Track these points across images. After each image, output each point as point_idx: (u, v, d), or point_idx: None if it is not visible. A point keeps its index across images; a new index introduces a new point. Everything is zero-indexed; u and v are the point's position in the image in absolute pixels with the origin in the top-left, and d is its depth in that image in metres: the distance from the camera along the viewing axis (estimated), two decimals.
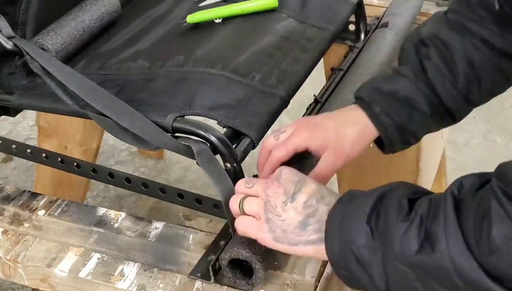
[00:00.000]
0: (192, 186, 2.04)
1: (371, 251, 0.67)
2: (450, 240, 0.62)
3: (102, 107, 0.84)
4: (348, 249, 0.68)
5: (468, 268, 0.61)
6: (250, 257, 0.76)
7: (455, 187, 0.66)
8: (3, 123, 2.31)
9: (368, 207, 0.69)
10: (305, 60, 1.03)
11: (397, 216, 0.66)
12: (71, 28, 1.02)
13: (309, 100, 1.05)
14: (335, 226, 0.70)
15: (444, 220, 0.63)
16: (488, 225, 0.60)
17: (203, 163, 0.80)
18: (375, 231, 0.67)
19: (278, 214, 0.73)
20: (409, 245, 0.64)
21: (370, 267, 0.68)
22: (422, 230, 0.64)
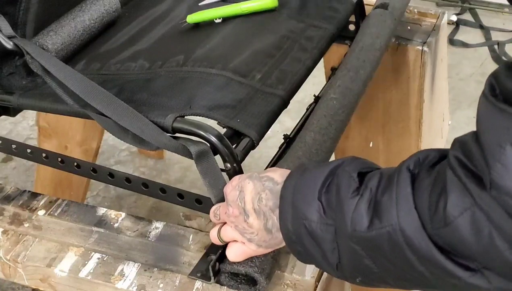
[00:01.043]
0: (192, 186, 2.04)
1: (323, 226, 0.67)
2: (401, 212, 0.61)
3: (102, 107, 0.84)
4: (301, 224, 0.68)
5: (419, 241, 0.60)
6: (251, 272, 0.77)
7: (411, 161, 0.64)
8: (3, 123, 2.31)
9: (320, 181, 0.68)
10: (305, 60, 1.03)
11: (347, 191, 0.66)
12: (71, 28, 1.02)
13: (309, 100, 1.05)
14: (287, 201, 0.70)
15: (396, 192, 0.62)
16: (444, 197, 0.59)
17: (201, 165, 0.81)
18: (327, 206, 0.67)
19: (250, 232, 0.74)
20: (360, 222, 0.64)
21: (322, 242, 0.67)
22: (371, 204, 0.64)
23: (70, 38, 1.02)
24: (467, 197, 0.57)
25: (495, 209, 0.56)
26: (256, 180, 0.74)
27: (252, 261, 0.77)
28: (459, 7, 2.99)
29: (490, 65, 2.65)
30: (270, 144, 0.84)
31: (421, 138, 1.36)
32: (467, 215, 0.57)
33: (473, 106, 2.40)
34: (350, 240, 0.65)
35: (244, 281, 0.78)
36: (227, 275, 0.79)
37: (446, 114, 1.61)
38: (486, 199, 0.56)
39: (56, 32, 1.01)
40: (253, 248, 0.76)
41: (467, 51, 2.73)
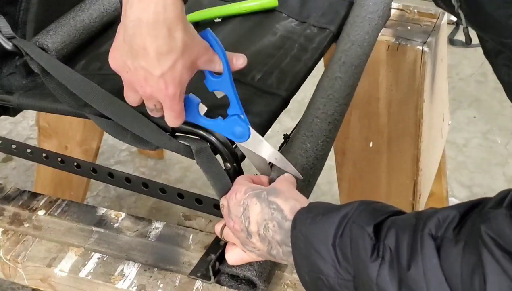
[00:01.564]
0: (192, 186, 2.04)
1: (342, 282, 0.66)
2: (431, 287, 0.60)
3: (102, 107, 0.84)
4: (317, 278, 0.67)
5: None
6: (249, 275, 0.77)
7: (431, 224, 0.62)
8: (3, 123, 2.31)
9: (332, 232, 0.66)
10: (305, 60, 1.03)
11: (365, 251, 0.63)
12: (71, 28, 1.02)
13: (309, 100, 1.05)
14: (301, 253, 0.68)
15: (424, 266, 0.61)
16: (481, 278, 0.57)
17: (202, 162, 0.81)
18: (342, 261, 0.65)
19: (253, 246, 0.74)
20: (387, 290, 0.62)
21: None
22: (395, 270, 0.62)
23: (70, 37, 1.02)
24: (506, 279, 0.57)
25: None
26: (264, 203, 0.72)
27: (251, 264, 0.77)
28: None
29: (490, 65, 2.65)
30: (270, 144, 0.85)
31: (421, 138, 1.36)
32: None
33: (473, 106, 2.41)
34: None
35: (244, 282, 0.78)
36: (227, 276, 0.79)
37: (446, 114, 1.61)
38: None
39: (56, 32, 1.01)
40: (252, 257, 0.76)
41: (467, 51, 2.73)
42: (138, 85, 0.74)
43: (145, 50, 0.69)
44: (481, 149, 2.22)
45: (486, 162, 2.15)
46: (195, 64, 0.74)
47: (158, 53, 0.70)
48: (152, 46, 0.69)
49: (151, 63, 0.70)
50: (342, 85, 0.94)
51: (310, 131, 0.88)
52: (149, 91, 0.73)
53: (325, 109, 0.90)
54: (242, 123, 0.79)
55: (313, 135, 0.87)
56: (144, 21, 0.68)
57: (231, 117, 0.79)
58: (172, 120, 0.77)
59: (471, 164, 2.14)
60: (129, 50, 0.71)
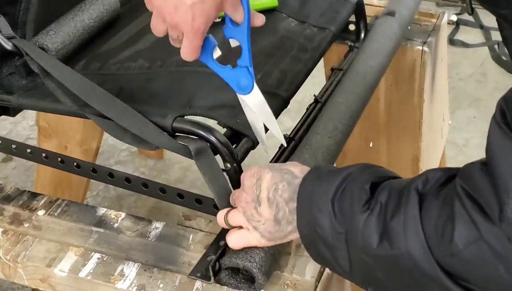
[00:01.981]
0: (192, 186, 2.04)
1: (335, 235, 0.68)
2: (409, 237, 0.63)
3: (102, 107, 0.84)
4: (314, 230, 0.70)
5: (427, 266, 0.62)
6: (249, 266, 0.77)
7: (419, 181, 0.65)
8: (3, 123, 2.31)
9: (333, 188, 0.69)
10: (305, 60, 1.03)
11: (359, 203, 0.67)
12: (71, 28, 1.02)
13: (309, 100, 1.05)
14: (304, 206, 0.71)
15: (404, 216, 0.63)
16: (451, 228, 0.60)
17: (200, 163, 0.81)
18: (339, 214, 0.68)
19: (258, 220, 0.75)
20: (369, 239, 0.65)
21: (334, 249, 0.69)
22: (380, 221, 0.65)
23: (69, 37, 1.02)
24: (473, 230, 0.58)
25: (503, 243, 0.57)
26: (276, 171, 0.75)
27: (252, 256, 0.77)
28: (459, 7, 2.99)
29: (490, 65, 2.65)
30: (270, 144, 0.85)
31: (421, 138, 1.36)
32: (473, 248, 0.58)
33: (473, 106, 2.41)
34: (361, 252, 0.66)
35: (243, 281, 0.78)
36: (227, 273, 0.79)
37: (446, 114, 1.62)
38: (493, 233, 0.57)
39: (55, 32, 1.01)
40: (256, 237, 0.76)
41: (467, 51, 2.73)
42: (167, 12, 0.75)
43: None
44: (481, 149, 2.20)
45: None
46: (222, 5, 0.77)
47: None
48: None
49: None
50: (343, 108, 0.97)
51: (309, 145, 0.90)
52: (176, 21, 0.75)
53: (325, 126, 0.93)
54: (248, 76, 0.81)
55: (311, 147, 0.90)
56: None
57: (239, 68, 0.81)
58: (187, 53, 0.79)
59: None
60: None
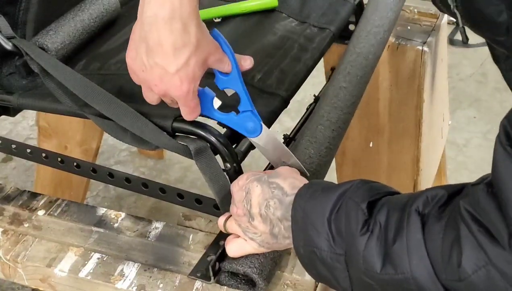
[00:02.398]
0: (192, 186, 2.04)
1: (334, 256, 0.67)
2: (414, 262, 0.62)
3: (102, 107, 0.84)
4: (312, 252, 0.69)
5: (432, 288, 0.61)
6: (249, 272, 0.77)
7: (420, 201, 0.64)
8: (3, 123, 2.31)
9: (328, 207, 0.68)
10: (305, 60, 1.03)
11: (356, 224, 0.65)
12: (71, 27, 1.02)
13: (309, 100, 1.05)
14: (299, 226, 0.70)
15: (407, 239, 0.62)
16: (458, 252, 0.59)
17: (201, 162, 0.81)
18: (336, 235, 0.67)
19: (253, 232, 0.75)
20: (372, 262, 0.64)
21: (334, 270, 0.68)
22: (382, 244, 0.64)
23: (69, 37, 1.02)
24: (481, 254, 0.58)
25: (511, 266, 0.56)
26: (265, 185, 0.74)
27: (252, 261, 0.77)
28: None
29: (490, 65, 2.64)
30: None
31: (421, 138, 1.36)
32: (482, 273, 0.58)
33: (473, 106, 2.41)
34: (363, 275, 0.65)
35: (244, 282, 0.78)
36: (227, 275, 0.79)
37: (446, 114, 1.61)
38: (501, 257, 0.57)
39: (55, 32, 1.01)
40: (254, 246, 0.76)
41: (467, 51, 2.73)
42: (153, 84, 0.75)
43: (161, 45, 0.71)
44: (481, 149, 2.22)
45: (486, 162, 2.14)
46: (206, 62, 0.76)
47: (174, 48, 0.71)
48: (168, 41, 0.71)
49: (166, 59, 0.72)
50: (346, 94, 0.95)
51: (314, 137, 0.89)
52: (164, 89, 0.75)
53: (329, 117, 0.92)
54: (254, 119, 0.81)
55: (317, 141, 0.89)
56: (161, 16, 0.70)
57: (243, 113, 0.81)
58: (187, 114, 0.79)
59: (471, 164, 2.14)
60: (145, 47, 0.73)
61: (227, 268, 0.78)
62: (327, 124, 0.90)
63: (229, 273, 0.79)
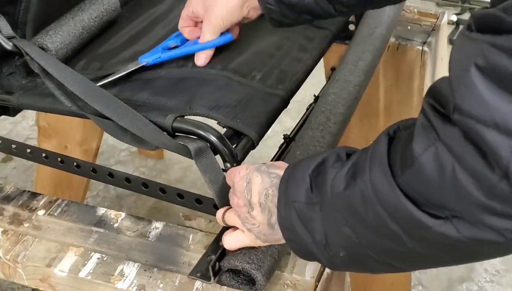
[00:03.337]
0: (192, 186, 2.04)
1: (310, 206, 0.68)
2: (373, 167, 0.62)
3: (102, 107, 0.84)
4: (291, 208, 0.69)
5: (387, 191, 0.60)
6: (247, 268, 0.76)
7: (391, 128, 0.66)
8: (3, 123, 2.31)
9: (311, 166, 0.69)
10: (305, 60, 1.03)
11: (331, 163, 0.67)
12: (70, 27, 1.02)
13: (309, 100, 1.05)
14: (281, 191, 0.71)
15: (372, 151, 0.63)
16: (410, 140, 0.59)
17: (200, 162, 0.81)
18: (314, 186, 0.68)
19: (252, 223, 0.75)
20: (338, 185, 0.65)
21: (310, 222, 0.68)
22: (350, 170, 0.65)
23: (69, 37, 1.02)
24: (432, 133, 0.57)
25: (457, 138, 0.55)
26: (265, 174, 0.74)
27: (250, 257, 0.77)
28: (459, 7, 2.99)
29: None
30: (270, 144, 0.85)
31: None
32: (431, 150, 0.57)
33: None
34: (330, 209, 0.66)
35: (245, 282, 0.78)
36: (228, 275, 0.79)
37: None
38: (448, 131, 0.56)
39: (55, 32, 1.01)
40: (251, 238, 0.76)
41: None
42: None
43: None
44: None
45: None
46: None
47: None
48: None
49: None
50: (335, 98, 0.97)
51: (301, 141, 0.90)
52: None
53: (316, 120, 0.93)
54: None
55: (303, 143, 0.89)
56: None
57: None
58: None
59: None
60: None
61: (226, 265, 0.78)
62: (314, 127, 0.91)
63: (230, 273, 0.79)
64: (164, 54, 0.98)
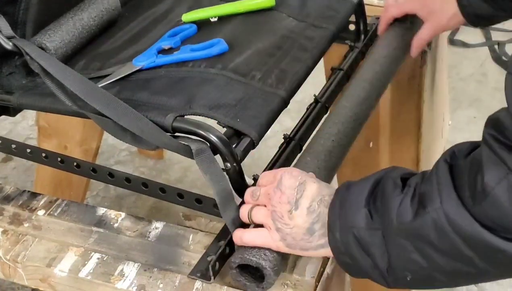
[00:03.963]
0: (192, 186, 2.04)
1: (371, 232, 0.68)
2: (443, 196, 0.64)
3: (102, 107, 0.84)
4: (349, 233, 0.70)
5: (463, 221, 0.62)
6: (261, 264, 0.75)
7: (447, 155, 0.67)
8: (3, 123, 2.31)
9: (366, 190, 0.70)
10: (305, 59, 1.03)
11: (392, 192, 0.68)
12: (70, 27, 1.02)
13: (309, 100, 1.05)
14: (335, 214, 0.71)
15: (437, 180, 0.65)
16: (481, 174, 0.61)
17: (201, 163, 0.81)
18: (374, 212, 0.69)
19: (286, 223, 0.74)
20: (405, 215, 0.66)
21: (371, 247, 0.69)
22: (415, 198, 0.66)
23: (69, 36, 1.02)
24: (502, 166, 0.60)
25: None
26: (323, 184, 0.76)
27: (266, 254, 0.76)
28: None
29: (490, 65, 2.65)
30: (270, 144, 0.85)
31: (421, 139, 1.36)
32: (504, 183, 0.60)
33: (473, 106, 2.41)
34: (397, 236, 0.67)
35: (252, 279, 0.77)
36: (235, 271, 0.77)
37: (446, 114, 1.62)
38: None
39: (54, 31, 1.01)
40: (275, 238, 0.75)
41: (467, 51, 2.73)
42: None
43: None
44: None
45: None
46: None
47: None
48: None
49: None
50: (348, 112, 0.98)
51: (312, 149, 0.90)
52: None
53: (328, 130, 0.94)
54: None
55: (314, 151, 0.89)
56: None
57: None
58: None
59: None
60: None
61: (238, 261, 0.76)
62: (326, 137, 0.92)
63: (237, 269, 0.77)
64: (158, 59, 0.98)
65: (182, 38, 1.05)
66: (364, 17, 1.20)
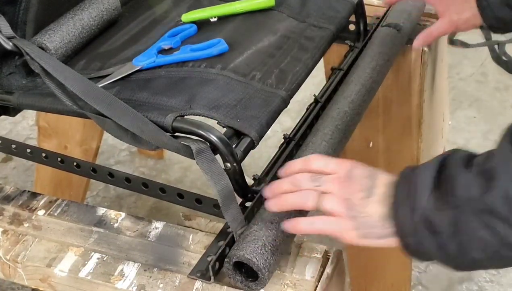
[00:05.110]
0: (192, 186, 2.04)
1: (440, 212, 0.68)
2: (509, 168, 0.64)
3: (102, 107, 0.84)
4: (415, 214, 0.69)
5: None
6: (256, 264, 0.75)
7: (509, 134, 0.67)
8: (3, 123, 2.31)
9: (432, 171, 0.70)
10: (305, 60, 1.03)
11: (459, 171, 0.68)
12: (70, 27, 1.02)
13: (309, 100, 1.05)
14: (401, 196, 0.71)
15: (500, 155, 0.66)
16: None
17: (202, 163, 0.81)
18: (441, 193, 0.69)
19: (360, 211, 0.74)
20: (473, 191, 0.66)
21: (439, 228, 0.68)
22: (483, 174, 0.66)
23: (69, 36, 1.02)
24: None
25: None
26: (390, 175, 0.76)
27: (262, 254, 0.76)
28: None
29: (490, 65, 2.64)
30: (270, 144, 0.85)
31: (421, 138, 1.36)
32: None
33: (473, 106, 2.41)
34: (466, 213, 0.67)
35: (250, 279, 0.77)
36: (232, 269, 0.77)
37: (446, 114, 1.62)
38: None
39: (54, 31, 1.01)
40: (347, 227, 0.74)
41: (467, 51, 2.73)
42: None
43: None
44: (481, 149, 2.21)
45: None
46: None
47: None
48: None
49: None
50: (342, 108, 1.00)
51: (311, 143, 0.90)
52: None
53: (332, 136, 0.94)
54: None
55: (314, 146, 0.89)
56: None
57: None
58: None
59: None
60: None
61: (237, 257, 0.76)
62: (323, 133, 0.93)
63: (234, 268, 0.77)
64: (158, 59, 0.98)
65: (182, 38, 1.05)
66: (364, 17, 1.20)
